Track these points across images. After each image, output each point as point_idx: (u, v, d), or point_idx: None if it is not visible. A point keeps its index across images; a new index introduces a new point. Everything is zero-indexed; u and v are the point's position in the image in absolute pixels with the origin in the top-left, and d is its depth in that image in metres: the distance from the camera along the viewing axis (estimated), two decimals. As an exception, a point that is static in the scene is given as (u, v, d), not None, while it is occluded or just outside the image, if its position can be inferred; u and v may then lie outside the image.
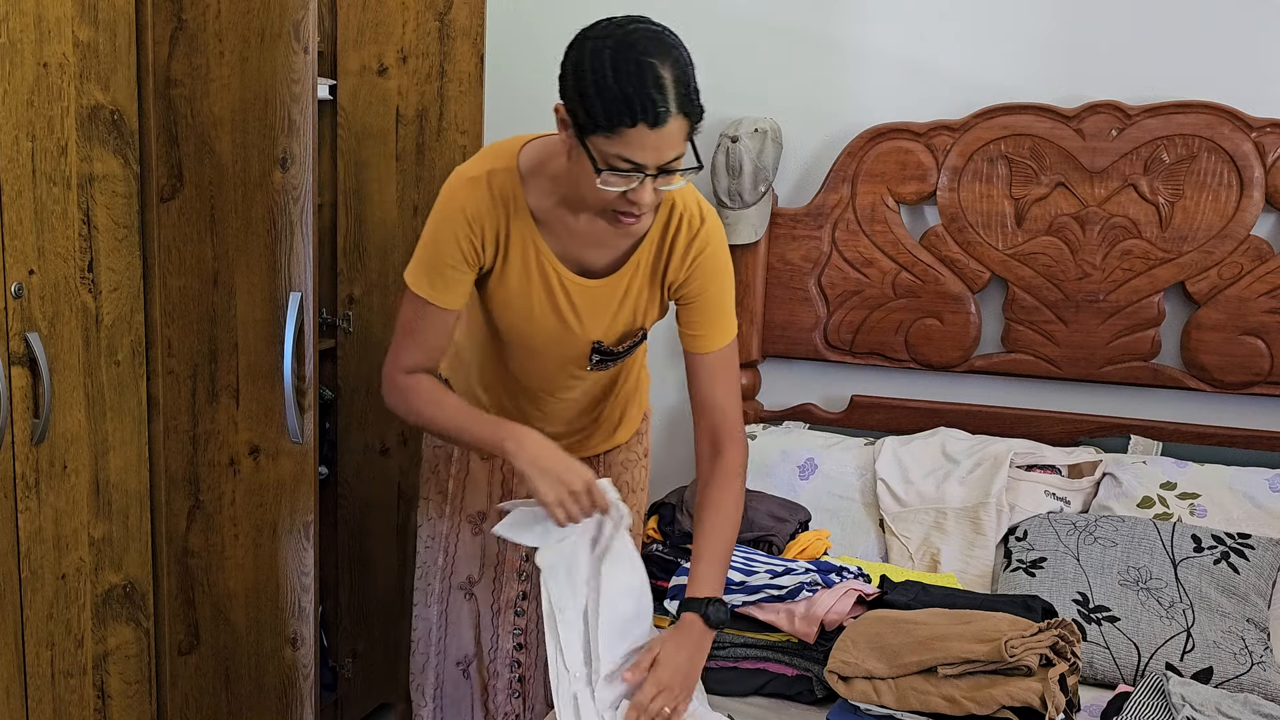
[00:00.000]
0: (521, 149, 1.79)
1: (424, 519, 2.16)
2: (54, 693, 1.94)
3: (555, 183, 1.76)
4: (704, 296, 1.85)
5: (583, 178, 1.64)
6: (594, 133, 1.58)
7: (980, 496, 2.47)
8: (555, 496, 1.70)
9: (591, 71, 1.56)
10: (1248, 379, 2.62)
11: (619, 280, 1.83)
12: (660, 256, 1.83)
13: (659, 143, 1.57)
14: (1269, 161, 2.54)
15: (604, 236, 1.80)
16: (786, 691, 1.90)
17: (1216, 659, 2.03)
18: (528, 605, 2.12)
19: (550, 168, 1.76)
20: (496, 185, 1.76)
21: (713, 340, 1.87)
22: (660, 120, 1.55)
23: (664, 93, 1.55)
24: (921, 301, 2.77)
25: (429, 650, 2.17)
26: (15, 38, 1.73)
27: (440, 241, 1.79)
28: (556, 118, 1.65)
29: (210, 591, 2.24)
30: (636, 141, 1.56)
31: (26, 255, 1.80)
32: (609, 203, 1.64)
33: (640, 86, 1.54)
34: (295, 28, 2.02)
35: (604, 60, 1.56)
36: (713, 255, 1.84)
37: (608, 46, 1.57)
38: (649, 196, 1.62)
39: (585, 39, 1.61)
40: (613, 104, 1.54)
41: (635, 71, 1.54)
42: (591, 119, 1.57)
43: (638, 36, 1.58)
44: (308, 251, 2.09)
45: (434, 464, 2.14)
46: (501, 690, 2.13)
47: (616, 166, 1.59)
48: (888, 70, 2.80)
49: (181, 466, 2.17)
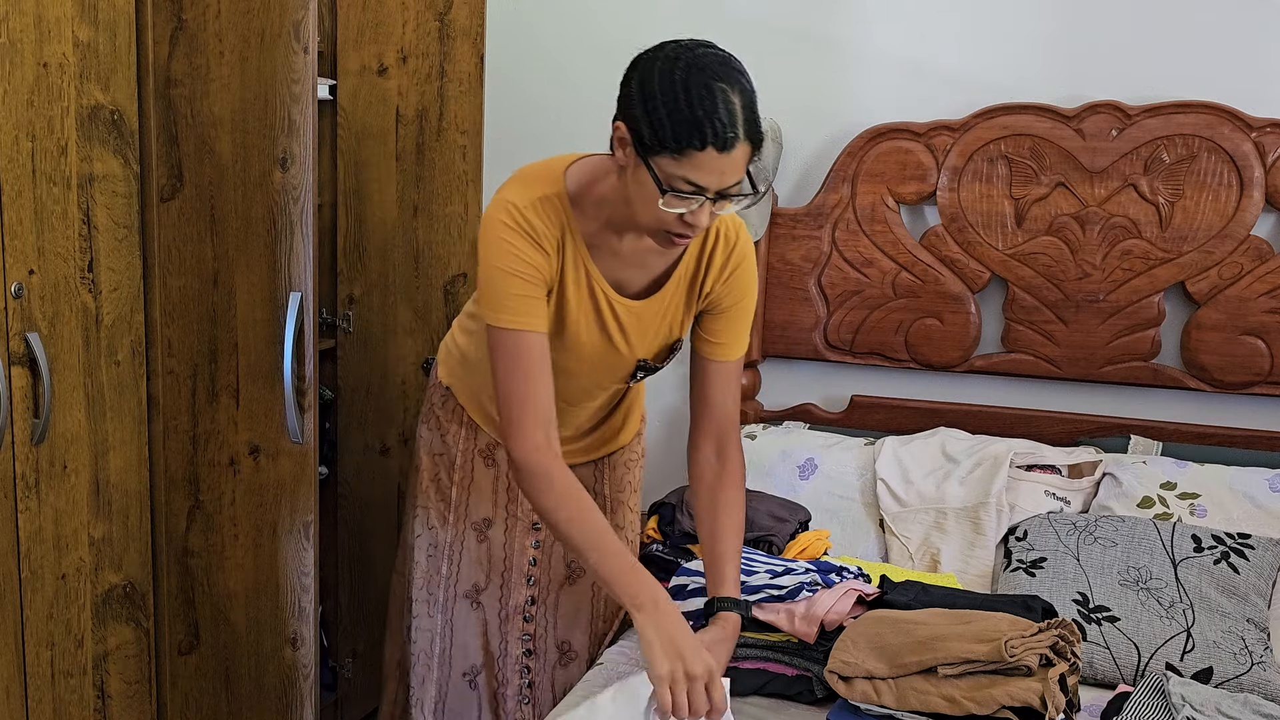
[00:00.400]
0: (566, 172, 1.78)
1: (422, 528, 2.12)
2: (54, 693, 1.94)
3: (602, 205, 1.76)
4: (735, 309, 1.88)
5: (638, 197, 1.64)
6: (659, 153, 1.57)
7: (980, 496, 2.47)
8: (669, 671, 1.61)
9: (661, 92, 1.56)
10: (1248, 379, 2.62)
11: (662, 298, 1.85)
12: (698, 271, 1.85)
13: (724, 167, 1.58)
14: (1269, 161, 2.54)
15: (644, 257, 1.81)
16: (786, 691, 1.90)
17: (1216, 659, 2.03)
18: (536, 610, 2.11)
19: (597, 190, 1.76)
20: (549, 211, 1.75)
21: (732, 350, 1.90)
22: (729, 145, 1.56)
23: (733, 118, 1.56)
24: (921, 301, 2.77)
25: (430, 663, 2.13)
26: (15, 38, 1.73)
27: (511, 264, 1.73)
28: (614, 136, 1.64)
29: (210, 591, 2.24)
30: (704, 165, 1.57)
31: (26, 255, 1.80)
32: (664, 223, 1.64)
33: (711, 110, 1.54)
34: (295, 28, 2.02)
35: (675, 82, 1.55)
36: (747, 270, 1.87)
37: (679, 68, 1.57)
38: (706, 219, 1.63)
39: (653, 59, 1.60)
40: (683, 126, 1.54)
41: (707, 95, 1.55)
42: (658, 140, 1.57)
43: (709, 60, 1.58)
44: (308, 251, 2.09)
45: (434, 472, 2.11)
46: (511, 697, 2.12)
47: (679, 188, 1.59)
48: (888, 70, 2.80)
49: (181, 466, 2.17)
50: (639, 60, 1.62)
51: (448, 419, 2.09)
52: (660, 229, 1.66)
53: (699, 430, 1.94)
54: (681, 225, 1.64)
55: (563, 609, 2.11)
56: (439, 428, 2.09)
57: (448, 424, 2.09)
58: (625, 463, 2.16)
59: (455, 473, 2.09)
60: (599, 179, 1.76)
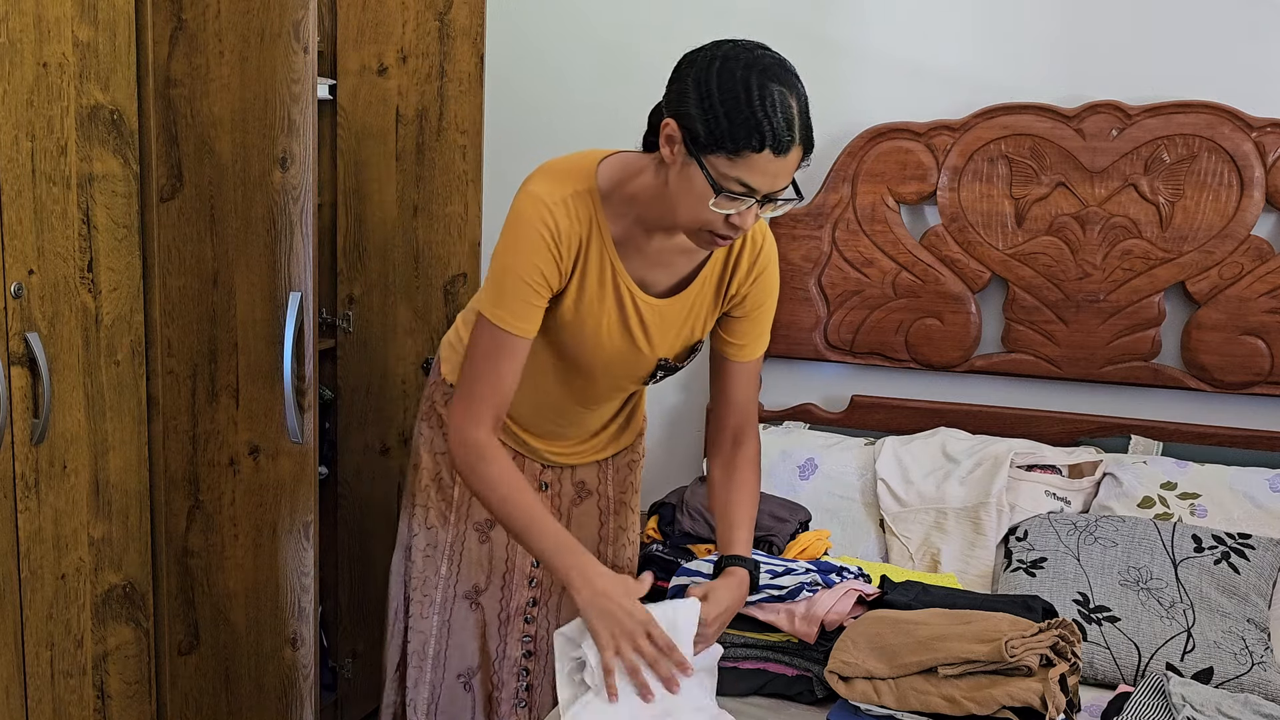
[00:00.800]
0: (598, 168, 1.77)
1: (420, 527, 2.10)
2: (54, 693, 1.94)
3: (632, 202, 1.75)
4: (759, 311, 1.89)
5: (684, 196, 1.63)
6: (714, 152, 1.57)
7: (980, 496, 2.47)
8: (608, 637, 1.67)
9: (720, 91, 1.55)
10: (1248, 379, 2.62)
11: (687, 298, 1.85)
12: (725, 272, 1.86)
13: (778, 170, 1.58)
14: (1269, 161, 2.54)
15: (671, 256, 1.81)
16: (786, 691, 1.90)
17: (1217, 659, 2.03)
18: (537, 612, 2.10)
19: (630, 187, 1.75)
20: (579, 207, 1.74)
21: (754, 351, 1.93)
22: (785, 148, 1.56)
23: (790, 122, 1.56)
24: (922, 301, 2.77)
25: (424, 664, 2.12)
26: (15, 38, 1.73)
27: (523, 268, 1.72)
28: (662, 134, 1.62)
29: (210, 591, 2.24)
30: (759, 167, 1.56)
31: (26, 255, 1.80)
32: (709, 223, 1.63)
33: (771, 112, 1.54)
34: (295, 28, 2.02)
35: (736, 82, 1.55)
36: (772, 273, 1.89)
37: (739, 68, 1.56)
38: (751, 221, 1.63)
39: (711, 58, 1.59)
40: (742, 127, 1.54)
41: (767, 97, 1.54)
42: (714, 139, 1.56)
43: (768, 61, 1.58)
44: (308, 251, 2.09)
45: (435, 471, 2.09)
46: (506, 700, 2.10)
47: (731, 189, 1.58)
48: (888, 70, 2.80)
49: (181, 466, 2.17)
50: (694, 58, 1.62)
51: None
52: (703, 229, 1.65)
53: (719, 424, 1.97)
54: (726, 227, 1.63)
55: (565, 611, 2.11)
56: (441, 425, 2.08)
57: None
58: (628, 464, 2.16)
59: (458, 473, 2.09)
60: (631, 176, 1.75)
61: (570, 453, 2.06)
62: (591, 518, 2.11)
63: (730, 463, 1.96)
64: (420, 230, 2.70)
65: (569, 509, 2.10)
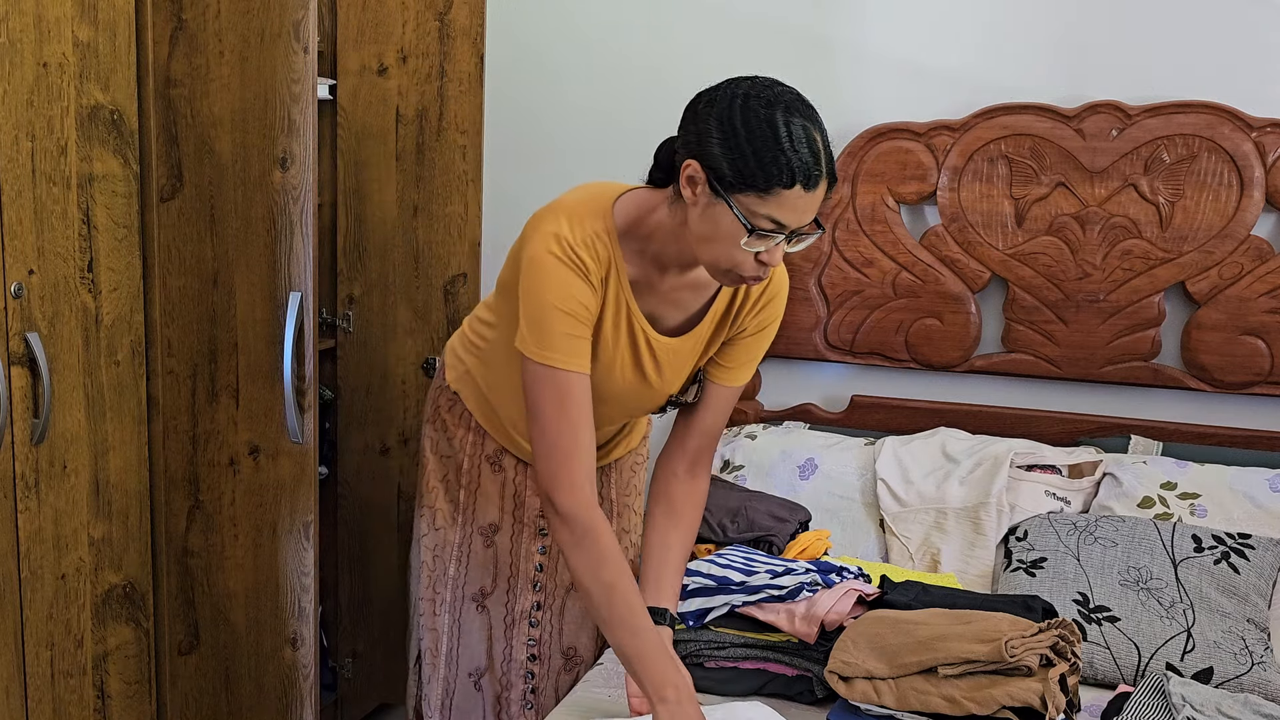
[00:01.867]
0: (614, 206, 1.75)
1: (429, 528, 2.09)
2: (54, 693, 1.94)
3: (649, 241, 1.74)
4: (757, 336, 1.87)
5: (708, 236, 1.61)
6: (743, 191, 1.56)
7: (980, 496, 2.47)
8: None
9: (747, 130, 1.54)
10: (1248, 379, 2.62)
11: (696, 335, 1.84)
12: (732, 307, 1.84)
13: (807, 205, 1.58)
14: (1269, 161, 2.54)
15: (682, 294, 1.80)
16: (786, 691, 1.90)
17: (1217, 659, 2.03)
18: (542, 615, 2.10)
19: (644, 226, 1.73)
20: (599, 248, 1.72)
21: (740, 377, 1.90)
22: (814, 183, 1.56)
23: (817, 156, 1.56)
24: (921, 301, 2.77)
25: (437, 661, 2.12)
26: (15, 38, 1.73)
27: (561, 300, 1.68)
28: (683, 175, 1.61)
29: (210, 591, 2.24)
30: (789, 203, 1.56)
31: (26, 255, 1.80)
32: (737, 263, 1.62)
33: (800, 148, 1.54)
34: (295, 28, 2.02)
35: (761, 120, 1.54)
36: (779, 303, 1.87)
37: (762, 106, 1.55)
38: (779, 258, 1.62)
39: (731, 96, 1.58)
40: (773, 164, 1.53)
41: (795, 133, 1.54)
42: (744, 178, 1.55)
43: (790, 98, 1.58)
44: (308, 251, 2.09)
45: (442, 474, 2.08)
46: (515, 702, 2.10)
47: (762, 227, 1.57)
48: (888, 70, 2.80)
49: (181, 466, 2.17)
50: (712, 98, 1.60)
51: (455, 423, 2.06)
52: (731, 269, 1.63)
53: (677, 446, 1.92)
54: (755, 265, 1.62)
55: (568, 615, 2.11)
56: (445, 430, 2.08)
57: (455, 428, 2.06)
58: (631, 466, 2.16)
59: (463, 476, 2.07)
60: (645, 214, 1.73)
61: None
62: None
63: (687, 499, 1.91)
64: (420, 230, 2.70)
65: None
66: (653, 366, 1.82)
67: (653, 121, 3.00)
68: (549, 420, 1.70)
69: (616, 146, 2.91)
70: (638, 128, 2.10)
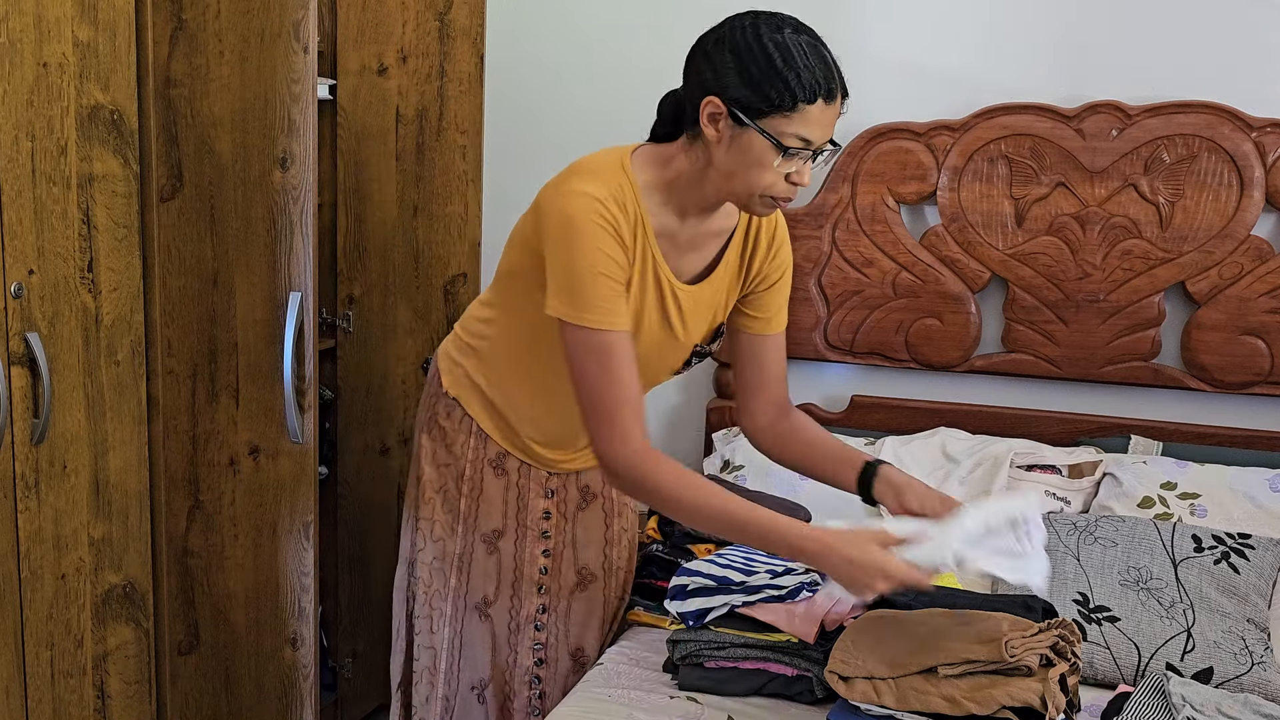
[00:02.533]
0: (630, 162, 1.77)
1: (426, 540, 2.06)
2: (54, 693, 1.94)
3: (670, 189, 1.77)
4: (780, 284, 1.92)
5: (738, 168, 1.66)
6: (770, 114, 1.61)
7: (980, 497, 2.47)
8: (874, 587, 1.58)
9: (762, 54, 1.61)
10: (1248, 379, 2.62)
11: (714, 281, 1.87)
12: (745, 252, 1.88)
13: (830, 119, 1.64)
14: (1269, 161, 2.54)
15: (701, 240, 1.84)
16: (786, 691, 1.90)
17: (1217, 659, 2.03)
18: (547, 619, 2.08)
19: (664, 176, 1.76)
20: (625, 202, 1.73)
21: (780, 322, 1.95)
22: (833, 95, 1.63)
23: (831, 69, 1.63)
24: (921, 301, 2.77)
25: (434, 680, 2.08)
26: (15, 38, 1.73)
27: (594, 261, 1.69)
28: (702, 114, 1.65)
29: (210, 591, 2.24)
30: (815, 119, 1.62)
31: (26, 255, 1.80)
32: (769, 187, 1.66)
33: (814, 66, 1.61)
34: (295, 28, 2.02)
35: (775, 43, 1.61)
36: (789, 247, 1.93)
37: (770, 30, 1.62)
38: (808, 176, 1.67)
39: (737, 28, 1.64)
40: (796, 83, 1.60)
41: (808, 52, 1.62)
42: (768, 101, 1.60)
43: (794, 21, 1.66)
44: (308, 251, 2.09)
45: (440, 483, 2.05)
46: (520, 710, 2.08)
47: (791, 145, 1.62)
48: (888, 70, 2.80)
49: (181, 466, 2.17)
50: (720, 35, 1.66)
51: (454, 429, 2.03)
52: (765, 194, 1.68)
53: (755, 404, 1.95)
54: (786, 186, 1.67)
55: (574, 615, 2.09)
56: (444, 438, 2.04)
57: (455, 434, 2.03)
58: None
59: (464, 484, 2.03)
60: (663, 164, 1.76)
61: (575, 458, 2.05)
62: (597, 521, 2.10)
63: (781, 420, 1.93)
64: (420, 230, 2.70)
65: (574, 513, 2.08)
66: (678, 317, 1.84)
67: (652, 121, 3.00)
68: (594, 380, 1.71)
69: (618, 145, 2.91)
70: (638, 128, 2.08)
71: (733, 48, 1.63)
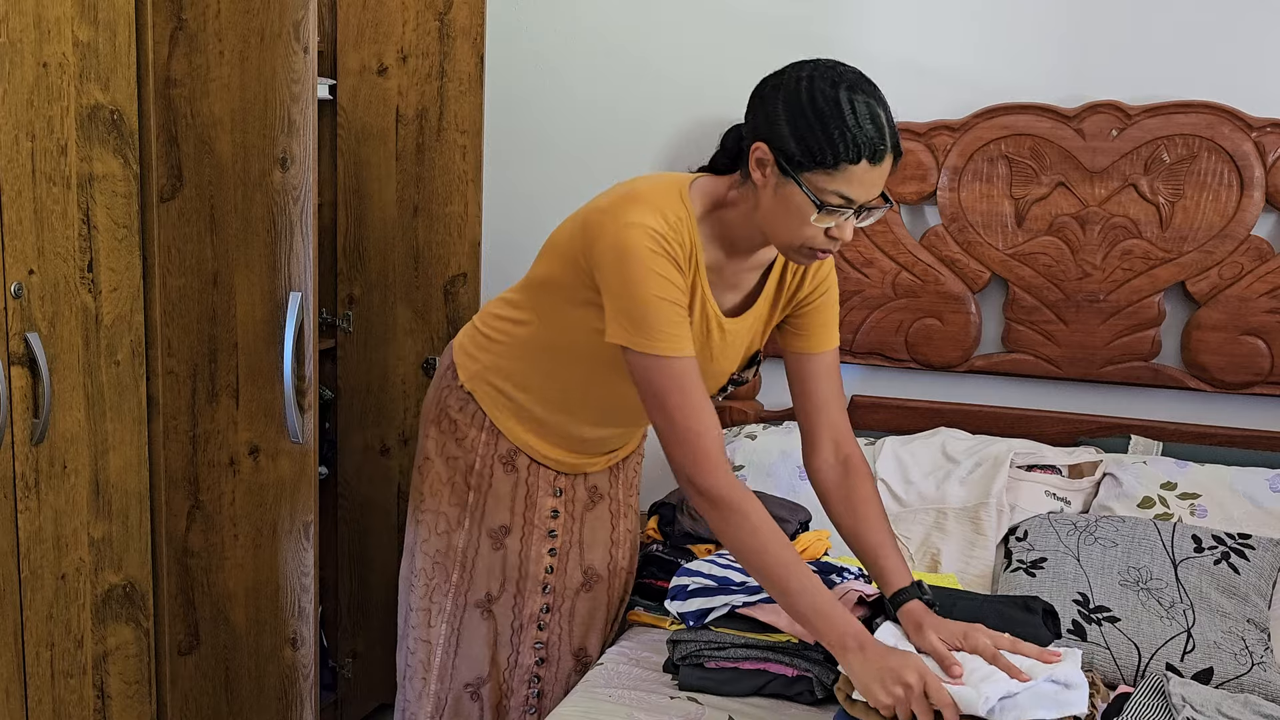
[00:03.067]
0: (689, 193, 1.78)
1: (430, 533, 2.06)
2: (54, 693, 1.94)
3: (721, 226, 1.78)
4: (825, 299, 1.93)
5: (779, 216, 1.67)
6: (811, 170, 1.62)
7: (980, 497, 2.47)
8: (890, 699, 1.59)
9: (813, 109, 1.61)
10: (1248, 379, 2.62)
11: (755, 314, 1.88)
12: (784, 281, 1.89)
13: (874, 179, 1.63)
14: (1269, 161, 2.54)
15: (742, 276, 1.86)
16: (786, 692, 1.90)
17: (1217, 659, 2.03)
18: (550, 618, 2.07)
19: (718, 212, 1.78)
20: (682, 234, 1.74)
21: (824, 340, 1.93)
22: (880, 157, 1.62)
23: (882, 131, 1.62)
24: (921, 301, 2.77)
25: (429, 675, 2.08)
26: (15, 38, 1.73)
27: (658, 289, 1.70)
28: (751, 158, 1.67)
29: (210, 591, 2.24)
30: (857, 178, 1.62)
31: (26, 255, 1.80)
32: (809, 239, 1.67)
33: (865, 124, 1.60)
34: (295, 28, 2.02)
35: (827, 99, 1.61)
36: (830, 264, 1.92)
37: (827, 85, 1.62)
38: (850, 233, 1.67)
39: (796, 79, 1.64)
40: (839, 142, 1.60)
41: (859, 109, 1.61)
42: (811, 156, 1.61)
43: (853, 77, 1.65)
44: (308, 251, 2.09)
45: (448, 476, 2.04)
46: (516, 708, 2.08)
47: (831, 203, 1.62)
48: (888, 70, 2.78)
49: (181, 466, 2.17)
50: (779, 82, 1.66)
51: (466, 423, 2.02)
52: (803, 245, 1.68)
53: (815, 432, 1.94)
54: (826, 240, 1.67)
55: (578, 615, 2.09)
56: (455, 431, 2.04)
57: (466, 429, 2.02)
58: (634, 465, 2.17)
59: (472, 478, 2.03)
60: (718, 200, 1.78)
61: (587, 462, 2.06)
62: (604, 522, 2.10)
63: (844, 483, 1.92)
64: (420, 230, 2.70)
65: (582, 514, 2.08)
66: (721, 348, 1.86)
67: (653, 121, 3.01)
68: (674, 408, 1.72)
69: (617, 146, 2.91)
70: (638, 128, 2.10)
71: (786, 97, 1.64)
